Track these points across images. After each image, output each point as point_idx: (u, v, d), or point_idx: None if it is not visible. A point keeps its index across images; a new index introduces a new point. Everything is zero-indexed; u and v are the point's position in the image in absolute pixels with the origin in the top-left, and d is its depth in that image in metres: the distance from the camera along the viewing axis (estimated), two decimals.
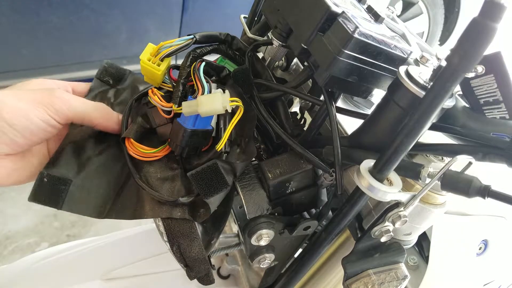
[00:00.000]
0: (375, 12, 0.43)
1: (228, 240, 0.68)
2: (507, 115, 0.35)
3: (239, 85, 0.47)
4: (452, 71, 0.27)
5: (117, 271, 0.74)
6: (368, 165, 0.36)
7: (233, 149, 0.45)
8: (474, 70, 0.34)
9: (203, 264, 0.45)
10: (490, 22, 0.24)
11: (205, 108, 0.41)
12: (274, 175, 0.44)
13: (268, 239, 0.47)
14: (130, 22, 1.73)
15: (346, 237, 0.55)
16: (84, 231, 1.62)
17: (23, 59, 1.59)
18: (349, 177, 0.45)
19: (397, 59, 0.39)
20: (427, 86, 0.34)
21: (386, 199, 0.36)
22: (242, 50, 0.51)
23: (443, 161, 0.42)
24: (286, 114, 0.50)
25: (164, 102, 0.45)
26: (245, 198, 0.45)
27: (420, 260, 0.75)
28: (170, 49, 0.45)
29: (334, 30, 0.36)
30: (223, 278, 0.85)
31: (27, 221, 1.62)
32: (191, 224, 0.43)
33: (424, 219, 0.43)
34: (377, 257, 0.44)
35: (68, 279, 0.71)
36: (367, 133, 0.42)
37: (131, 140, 0.45)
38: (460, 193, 0.34)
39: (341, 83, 0.39)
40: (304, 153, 0.44)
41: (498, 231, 0.73)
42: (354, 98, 0.55)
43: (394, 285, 0.43)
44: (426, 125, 0.31)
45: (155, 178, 0.44)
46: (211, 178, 0.41)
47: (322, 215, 0.49)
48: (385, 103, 0.38)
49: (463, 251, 0.68)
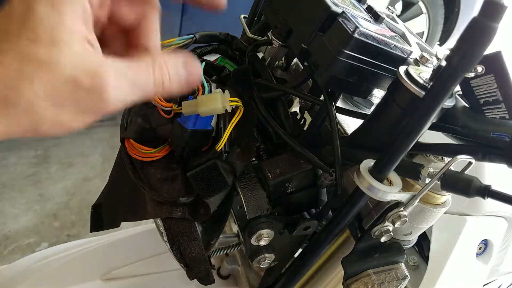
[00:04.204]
0: (375, 12, 0.43)
1: (228, 240, 0.68)
2: (507, 115, 0.35)
3: (239, 85, 0.47)
4: (452, 71, 0.27)
5: (117, 271, 0.74)
6: (368, 165, 0.36)
7: (233, 148, 0.45)
8: (474, 70, 0.34)
9: (203, 264, 0.45)
10: (490, 22, 0.24)
11: (205, 108, 0.41)
12: (274, 175, 0.44)
13: (268, 239, 0.47)
14: None
15: (346, 237, 0.55)
16: (84, 231, 1.62)
17: None
18: (349, 177, 0.45)
19: (397, 59, 0.39)
20: (427, 86, 0.34)
21: (386, 199, 0.36)
22: (242, 50, 0.51)
23: (443, 161, 0.42)
24: (286, 114, 0.50)
25: (164, 102, 0.45)
26: (245, 198, 0.45)
27: (420, 260, 0.76)
28: (170, 48, 0.45)
29: (334, 30, 0.36)
30: (223, 278, 0.85)
31: (27, 221, 1.62)
32: (191, 224, 0.43)
33: (424, 219, 0.43)
34: (377, 257, 0.44)
35: (68, 279, 0.71)
36: (367, 133, 0.42)
37: (130, 141, 0.45)
38: (460, 193, 0.34)
39: (341, 83, 0.39)
40: (304, 153, 0.44)
41: (498, 231, 0.73)
42: (354, 98, 0.55)
43: (394, 285, 0.43)
44: (426, 125, 0.31)
45: (155, 178, 0.44)
46: (211, 178, 0.41)
47: (322, 215, 0.49)
48: (385, 103, 0.39)
49: (463, 251, 0.68)
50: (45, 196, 1.73)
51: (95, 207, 0.51)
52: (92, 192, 1.75)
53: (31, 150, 1.91)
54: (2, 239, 1.54)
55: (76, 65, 0.26)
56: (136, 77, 0.29)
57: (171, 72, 0.31)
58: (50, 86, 0.26)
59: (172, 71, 0.31)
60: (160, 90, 0.31)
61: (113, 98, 0.28)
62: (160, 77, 0.31)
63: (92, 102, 0.28)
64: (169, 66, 0.31)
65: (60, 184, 1.79)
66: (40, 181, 1.78)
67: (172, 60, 0.31)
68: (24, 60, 0.25)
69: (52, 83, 0.26)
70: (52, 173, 1.83)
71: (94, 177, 1.84)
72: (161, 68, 0.31)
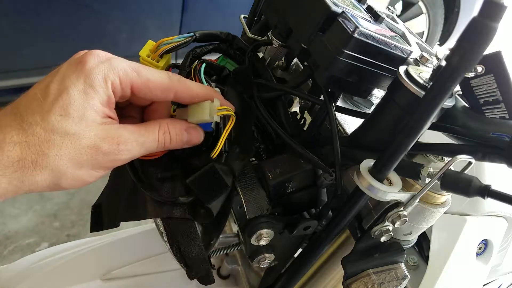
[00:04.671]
0: (375, 12, 0.43)
1: (228, 240, 0.68)
2: (506, 115, 0.35)
3: (239, 85, 0.47)
4: (452, 71, 0.27)
5: (117, 271, 0.74)
6: (368, 165, 0.36)
7: (233, 148, 0.45)
8: (474, 70, 0.34)
9: (203, 264, 0.45)
10: (490, 21, 0.24)
11: (193, 118, 0.41)
12: (274, 175, 0.44)
13: (268, 239, 0.47)
14: (130, 22, 1.73)
15: (346, 237, 0.55)
16: (84, 231, 1.62)
17: (23, 59, 1.59)
18: (349, 177, 0.45)
19: (397, 59, 0.39)
20: (427, 86, 0.34)
21: (386, 199, 0.36)
22: (242, 49, 0.51)
23: (443, 161, 0.42)
24: (286, 114, 0.50)
25: None
26: (245, 198, 0.45)
27: (420, 260, 0.76)
28: (170, 45, 0.45)
29: (334, 30, 0.36)
30: (223, 278, 0.85)
31: (27, 221, 1.62)
32: (191, 224, 0.43)
33: (424, 219, 0.43)
34: (377, 257, 0.44)
35: (68, 279, 0.71)
36: (367, 133, 0.42)
37: None
38: (460, 193, 0.34)
39: (341, 83, 0.39)
40: (304, 153, 0.44)
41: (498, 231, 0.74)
42: (354, 98, 0.55)
43: (394, 285, 0.43)
44: (426, 125, 0.31)
45: (155, 178, 0.44)
46: (211, 181, 0.41)
47: (322, 215, 0.49)
48: (385, 103, 0.39)
49: (463, 251, 0.68)
50: (45, 196, 1.73)
51: (95, 207, 0.51)
52: (92, 192, 1.75)
53: None
54: (2, 239, 1.54)
55: (97, 135, 0.33)
56: (145, 139, 0.37)
57: (173, 136, 0.39)
58: (74, 153, 0.32)
59: (175, 135, 0.39)
60: (162, 147, 0.39)
61: (124, 158, 0.35)
62: (162, 139, 0.38)
63: (108, 162, 0.35)
64: (172, 131, 0.39)
65: None
66: None
67: (176, 126, 0.39)
68: (54, 131, 0.31)
69: (76, 150, 0.32)
70: None
71: None
72: (165, 133, 0.38)
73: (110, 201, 0.50)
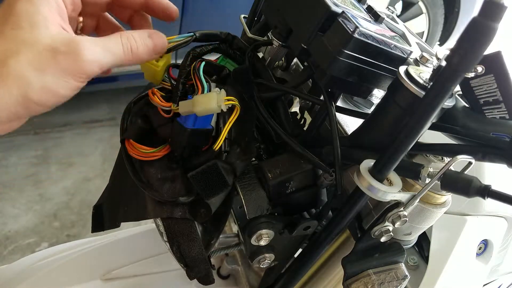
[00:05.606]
0: (375, 12, 0.43)
1: (228, 240, 0.68)
2: (507, 115, 0.35)
3: (239, 85, 0.47)
4: (452, 71, 0.27)
5: (117, 271, 0.74)
6: (368, 165, 0.36)
7: (233, 148, 0.45)
8: (474, 70, 0.34)
9: (203, 264, 0.45)
10: (490, 22, 0.24)
11: (200, 108, 0.41)
12: (274, 175, 0.44)
13: (268, 239, 0.47)
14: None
15: (346, 237, 0.55)
16: (84, 231, 1.62)
17: None
18: (349, 177, 0.45)
19: (397, 59, 0.39)
20: (427, 86, 0.34)
21: (386, 199, 0.36)
22: (242, 49, 0.51)
23: (443, 161, 0.42)
24: (286, 114, 0.50)
25: (164, 102, 0.45)
26: (245, 198, 0.45)
27: (420, 260, 0.76)
28: (169, 45, 0.45)
29: (334, 30, 0.36)
30: (223, 278, 0.85)
31: (27, 221, 1.62)
32: (191, 224, 0.43)
33: (424, 219, 0.43)
34: (377, 257, 0.44)
35: (68, 279, 0.71)
36: (367, 133, 0.42)
37: (130, 141, 0.45)
38: (460, 193, 0.34)
39: (341, 83, 0.39)
40: (304, 153, 0.44)
41: (498, 231, 0.74)
42: (354, 98, 0.55)
43: (394, 285, 0.43)
44: (426, 125, 0.31)
45: (156, 178, 0.44)
46: (211, 178, 0.41)
47: (322, 215, 0.49)
48: (385, 103, 0.39)
49: (463, 251, 0.68)
50: (45, 196, 1.73)
51: (96, 207, 0.51)
52: (92, 192, 1.75)
53: (31, 150, 1.91)
54: (2, 239, 1.54)
55: (53, 38, 0.33)
56: (107, 43, 0.35)
57: (138, 41, 0.38)
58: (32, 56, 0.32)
59: (139, 40, 0.38)
60: (130, 55, 0.37)
61: (88, 58, 0.33)
62: (127, 44, 0.37)
63: (71, 63, 0.33)
64: (135, 36, 0.38)
65: (60, 184, 1.79)
66: (40, 181, 1.78)
67: (138, 33, 0.38)
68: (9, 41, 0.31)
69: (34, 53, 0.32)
70: (52, 173, 1.83)
71: (94, 177, 1.84)
72: (128, 38, 0.37)
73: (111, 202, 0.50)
